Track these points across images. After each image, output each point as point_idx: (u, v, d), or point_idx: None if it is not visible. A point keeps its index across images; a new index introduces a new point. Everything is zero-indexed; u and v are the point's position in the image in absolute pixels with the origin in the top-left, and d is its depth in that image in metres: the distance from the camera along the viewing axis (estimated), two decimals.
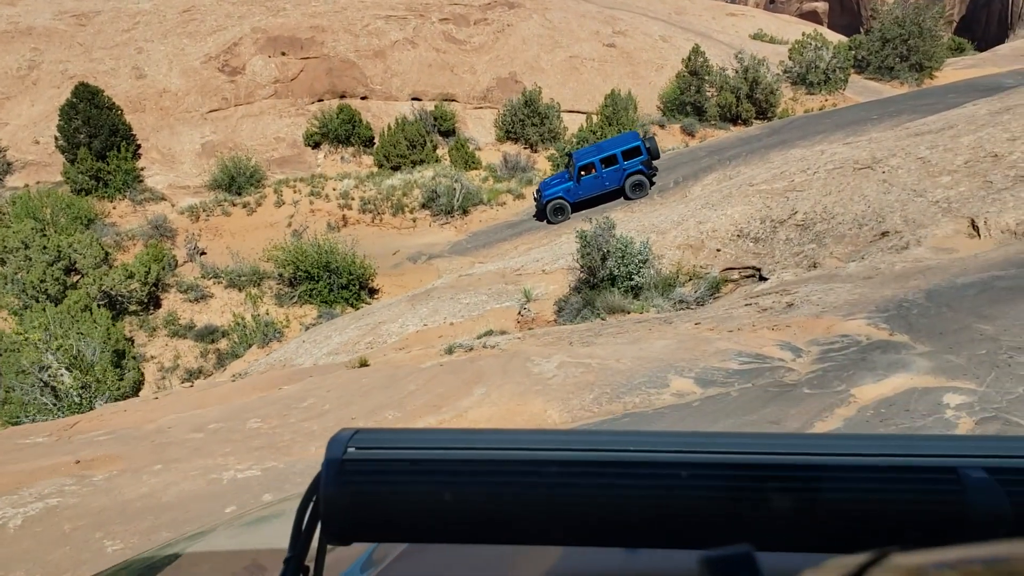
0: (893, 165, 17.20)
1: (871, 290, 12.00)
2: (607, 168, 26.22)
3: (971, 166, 15.90)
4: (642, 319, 14.48)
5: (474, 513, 0.92)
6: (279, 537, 1.21)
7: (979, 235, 14.29)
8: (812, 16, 72.80)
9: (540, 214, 27.44)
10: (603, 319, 15.60)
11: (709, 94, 41.85)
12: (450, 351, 11.67)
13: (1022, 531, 0.82)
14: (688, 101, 41.52)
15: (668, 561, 1.18)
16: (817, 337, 10.22)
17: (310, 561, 1.00)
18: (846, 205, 16.82)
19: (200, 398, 12.30)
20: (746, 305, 12.94)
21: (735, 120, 40.71)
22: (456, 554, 1.39)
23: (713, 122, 40.80)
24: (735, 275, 17.62)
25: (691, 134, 39.75)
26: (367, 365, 12.60)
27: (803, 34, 43.51)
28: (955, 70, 41.00)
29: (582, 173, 26.39)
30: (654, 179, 26.68)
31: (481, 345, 11.55)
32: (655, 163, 27.19)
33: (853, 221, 16.27)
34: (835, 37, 49.84)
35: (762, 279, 16.74)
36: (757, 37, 53.30)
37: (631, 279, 16.10)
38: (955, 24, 64.95)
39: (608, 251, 16.09)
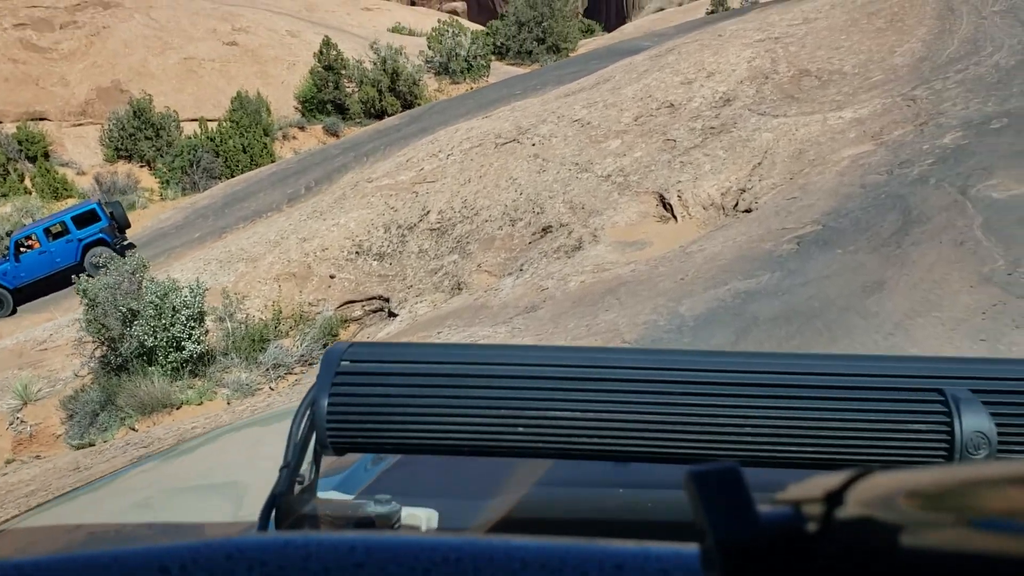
0: (544, 134, 11.79)
1: (544, 341, 6.18)
2: (55, 240, 18.70)
3: (643, 122, 10.83)
4: (190, 428, 7.71)
5: (465, 426, 0.87)
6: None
7: (674, 216, 9.11)
8: (451, 15, 69.65)
9: None
10: (133, 428, 8.61)
11: (350, 90, 35.74)
12: None
13: (1005, 450, 0.79)
14: (328, 99, 35.06)
15: (656, 473, 1.04)
16: None
17: (305, 470, 0.92)
18: (492, 194, 11.15)
19: None
20: None
21: (381, 115, 34.80)
22: (447, 466, 1.26)
23: (358, 119, 34.62)
24: (358, 311, 11.36)
25: (335, 134, 33.27)
26: None
27: (439, 21, 38.88)
28: (590, 48, 38.33)
29: (21, 250, 18.67)
30: (127, 251, 18.56)
31: None
32: (126, 232, 20.01)
33: (503, 215, 10.61)
34: (474, 26, 45.76)
35: (391, 315, 10.63)
36: (396, 30, 47.70)
37: (181, 348, 9.22)
38: (580, 15, 64.91)
39: (134, 309, 9.06)
